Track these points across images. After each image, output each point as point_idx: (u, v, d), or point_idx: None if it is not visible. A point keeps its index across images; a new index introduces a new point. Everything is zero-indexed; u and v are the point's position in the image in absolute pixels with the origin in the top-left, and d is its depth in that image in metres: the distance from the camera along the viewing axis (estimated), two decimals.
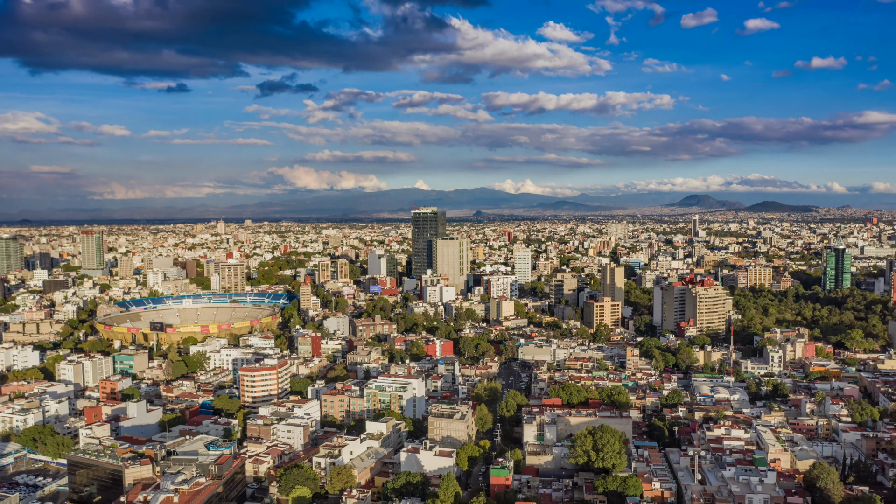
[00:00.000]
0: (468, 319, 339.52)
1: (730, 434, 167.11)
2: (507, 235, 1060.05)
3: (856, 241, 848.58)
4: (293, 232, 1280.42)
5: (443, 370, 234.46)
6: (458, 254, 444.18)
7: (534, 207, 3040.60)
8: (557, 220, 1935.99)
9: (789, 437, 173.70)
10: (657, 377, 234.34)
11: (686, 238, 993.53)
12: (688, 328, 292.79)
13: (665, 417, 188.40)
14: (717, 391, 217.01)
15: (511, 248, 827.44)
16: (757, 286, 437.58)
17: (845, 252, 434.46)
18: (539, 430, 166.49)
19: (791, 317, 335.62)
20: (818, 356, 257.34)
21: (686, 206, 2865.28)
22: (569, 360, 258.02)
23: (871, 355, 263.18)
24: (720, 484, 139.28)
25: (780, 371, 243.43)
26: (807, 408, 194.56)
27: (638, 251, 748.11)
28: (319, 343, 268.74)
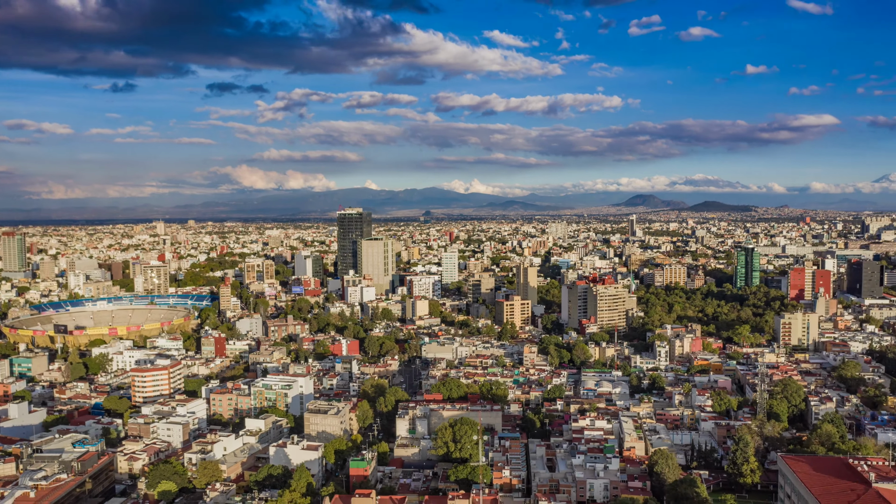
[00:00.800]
0: (384, 319, 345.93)
1: (593, 425, 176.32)
2: (448, 235, 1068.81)
3: (781, 240, 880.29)
4: (235, 232, 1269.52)
5: (340, 368, 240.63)
6: (382, 254, 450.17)
7: (483, 207, 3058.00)
8: (506, 219, 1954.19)
9: (652, 426, 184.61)
10: (549, 373, 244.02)
11: (623, 238, 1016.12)
12: (589, 325, 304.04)
13: (540, 410, 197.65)
14: (602, 385, 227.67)
15: (454, 247, 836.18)
16: (672, 284, 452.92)
17: (754, 251, 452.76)
18: (411, 423, 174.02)
19: (694, 313, 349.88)
20: (705, 351, 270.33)
21: (632, 206, 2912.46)
22: (469, 358, 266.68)
23: (757, 349, 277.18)
24: (567, 471, 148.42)
25: (667, 365, 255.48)
26: (676, 399, 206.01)
27: (572, 251, 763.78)
28: (224, 343, 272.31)
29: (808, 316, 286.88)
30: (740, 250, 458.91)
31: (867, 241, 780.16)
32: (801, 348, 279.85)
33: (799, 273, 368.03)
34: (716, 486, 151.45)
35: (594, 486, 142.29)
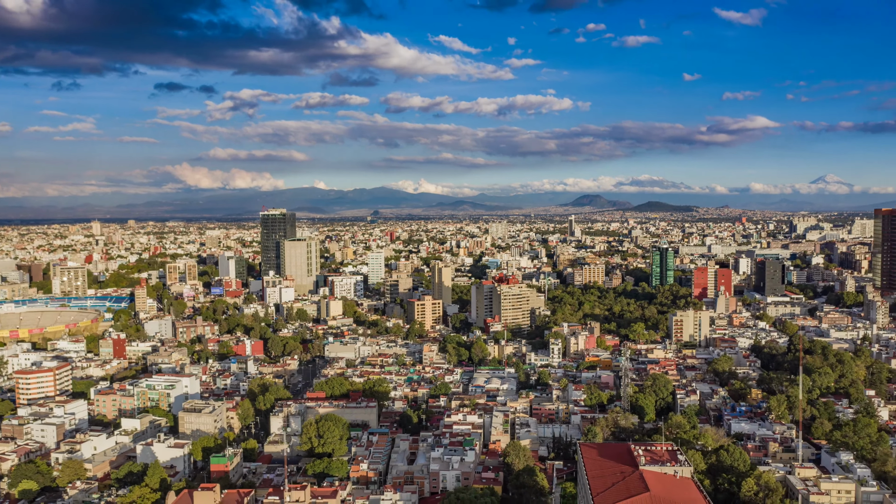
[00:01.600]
0: (298, 320, 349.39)
1: (464, 419, 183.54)
2: (389, 235, 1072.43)
3: (711, 239, 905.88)
4: (175, 233, 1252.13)
5: (235, 368, 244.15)
6: (305, 255, 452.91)
7: (433, 207, 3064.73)
8: (454, 219, 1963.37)
9: (525, 420, 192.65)
10: (444, 370, 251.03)
11: (561, 238, 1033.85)
12: (493, 324, 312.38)
13: (421, 406, 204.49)
14: (492, 381, 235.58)
15: (391, 247, 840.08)
16: (590, 283, 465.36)
17: (668, 251, 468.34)
18: (285, 421, 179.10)
19: (601, 311, 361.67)
20: (598, 348, 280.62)
21: (579, 206, 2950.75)
22: (371, 357, 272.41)
23: (651, 346, 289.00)
24: (424, 463, 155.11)
25: (559, 362, 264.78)
26: (553, 394, 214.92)
27: (507, 250, 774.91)
28: (123, 345, 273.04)
29: (699, 314, 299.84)
30: (656, 250, 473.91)
31: (788, 241, 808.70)
32: (692, 344, 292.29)
33: (702, 273, 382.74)
34: (568, 476, 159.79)
35: (447, 476, 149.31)
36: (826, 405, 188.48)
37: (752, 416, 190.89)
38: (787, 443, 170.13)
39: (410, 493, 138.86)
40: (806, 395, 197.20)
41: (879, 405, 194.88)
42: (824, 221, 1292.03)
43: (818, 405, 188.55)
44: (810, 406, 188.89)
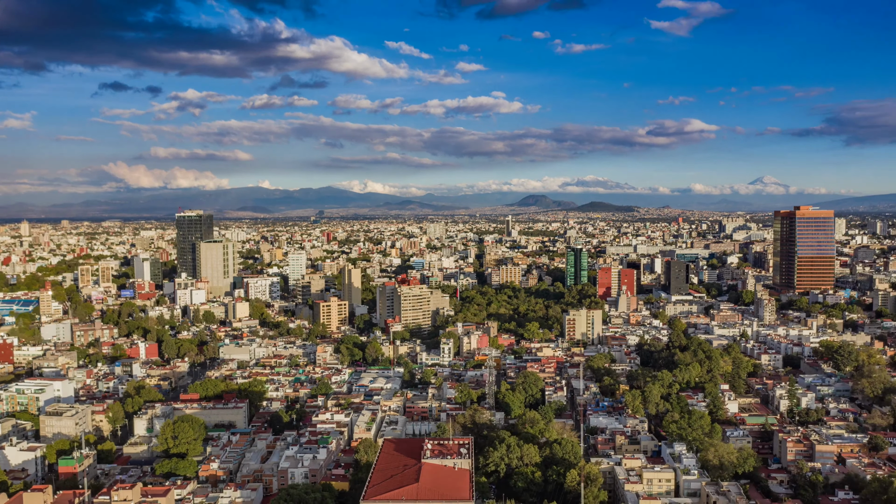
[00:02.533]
0: (204, 322, 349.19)
1: (332, 418, 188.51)
2: (326, 236, 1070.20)
3: (642, 239, 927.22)
4: (109, 233, 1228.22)
5: (119, 371, 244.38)
6: (222, 257, 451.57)
7: (380, 207, 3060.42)
8: (400, 219, 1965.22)
9: (395, 418, 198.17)
10: (333, 370, 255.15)
11: (497, 238, 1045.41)
12: (393, 324, 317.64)
13: (294, 406, 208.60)
14: (377, 381, 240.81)
15: (323, 248, 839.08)
16: (506, 283, 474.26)
17: (581, 252, 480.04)
18: (149, 422, 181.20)
19: (507, 311, 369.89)
20: (490, 347, 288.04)
21: (525, 206, 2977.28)
22: (265, 358, 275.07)
23: (543, 344, 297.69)
24: (277, 461, 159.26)
25: (450, 361, 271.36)
26: (429, 392, 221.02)
27: (440, 251, 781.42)
28: (10, 349, 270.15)
29: (592, 313, 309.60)
30: (570, 251, 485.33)
31: (711, 241, 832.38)
32: (583, 342, 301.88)
33: (606, 273, 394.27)
34: None
35: (295, 474, 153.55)
36: (679, 399, 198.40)
37: (612, 411, 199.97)
38: (636, 435, 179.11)
39: (251, 490, 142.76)
40: (665, 389, 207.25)
41: (730, 398, 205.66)
42: (756, 221, 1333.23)
43: (672, 399, 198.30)
44: (664, 400, 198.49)
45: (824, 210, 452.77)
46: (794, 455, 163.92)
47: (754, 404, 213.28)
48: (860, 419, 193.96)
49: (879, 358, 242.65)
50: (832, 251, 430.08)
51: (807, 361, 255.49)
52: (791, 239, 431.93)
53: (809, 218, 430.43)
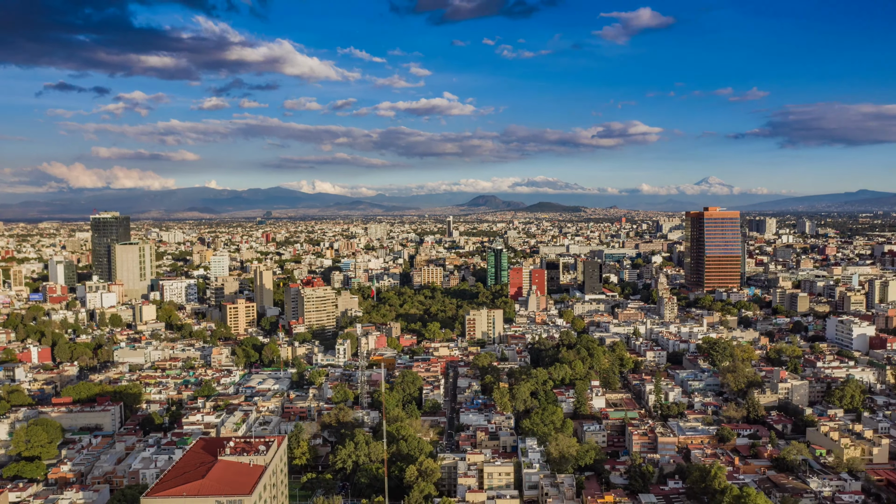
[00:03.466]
0: (110, 325, 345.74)
1: (202, 420, 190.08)
2: (265, 237, 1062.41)
3: (575, 239, 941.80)
4: (43, 234, 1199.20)
5: (1, 376, 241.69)
6: (138, 259, 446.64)
7: (330, 207, 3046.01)
8: (349, 219, 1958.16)
9: (269, 419, 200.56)
10: (225, 373, 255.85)
11: (437, 238, 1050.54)
12: (296, 326, 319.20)
13: (170, 409, 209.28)
14: (266, 382, 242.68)
15: (258, 249, 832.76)
16: (427, 283, 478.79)
17: (502, 252, 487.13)
18: (11, 426, 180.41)
19: (418, 311, 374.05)
20: (389, 347, 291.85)
21: (475, 207, 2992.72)
22: (160, 361, 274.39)
23: (445, 343, 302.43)
24: (130, 462, 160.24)
25: (346, 361, 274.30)
26: (310, 393, 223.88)
27: (375, 251, 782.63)
28: None
29: (493, 312, 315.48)
30: (490, 252, 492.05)
31: (639, 241, 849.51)
32: (483, 342, 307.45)
33: (518, 273, 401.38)
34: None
35: (147, 474, 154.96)
36: (548, 395, 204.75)
37: (483, 408, 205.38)
38: (498, 431, 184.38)
39: (94, 492, 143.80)
40: (538, 386, 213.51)
41: (598, 394, 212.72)
42: None
43: (540, 396, 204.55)
44: (532, 397, 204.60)
45: (731, 211, 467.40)
46: (639, 447, 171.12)
47: (625, 399, 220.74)
48: (720, 412, 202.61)
49: (751, 353, 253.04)
50: (738, 251, 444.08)
51: (688, 357, 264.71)
52: (700, 239, 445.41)
53: (717, 219, 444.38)
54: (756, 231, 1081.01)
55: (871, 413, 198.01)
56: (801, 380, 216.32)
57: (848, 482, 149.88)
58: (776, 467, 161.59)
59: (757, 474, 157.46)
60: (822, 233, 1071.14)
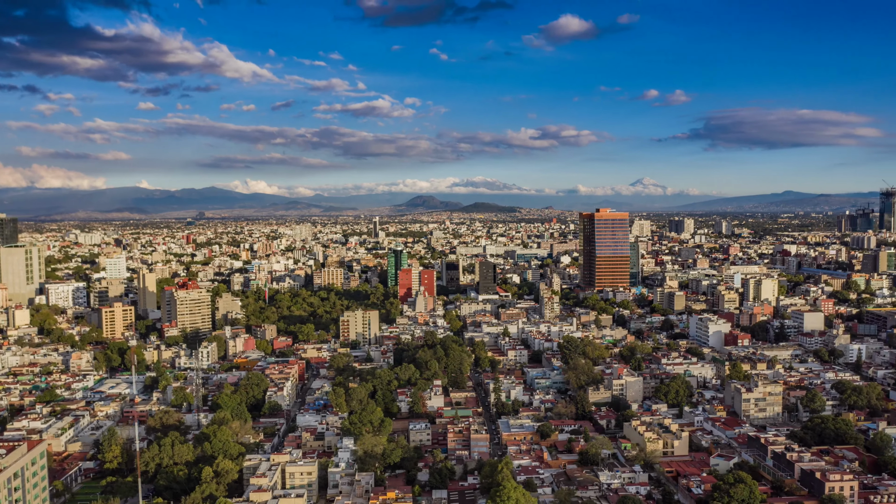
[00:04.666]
0: None
1: (28, 426, 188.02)
2: (186, 239, 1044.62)
3: (501, 240, 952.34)
4: None
5: None
6: (24, 263, 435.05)
7: (266, 208, 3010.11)
8: (284, 220, 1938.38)
9: (101, 423, 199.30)
10: (81, 378, 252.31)
11: (361, 239, 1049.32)
12: (170, 329, 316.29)
13: (4, 415, 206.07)
14: (118, 387, 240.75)
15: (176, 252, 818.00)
16: (328, 285, 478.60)
17: (402, 253, 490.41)
18: None
19: (303, 312, 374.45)
20: (257, 350, 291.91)
21: (413, 207, 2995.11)
22: (16, 367, 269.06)
23: (318, 345, 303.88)
24: None
25: (210, 364, 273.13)
26: (154, 396, 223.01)
27: (291, 252, 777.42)
28: None
29: (368, 313, 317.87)
30: (391, 252, 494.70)
31: (563, 241, 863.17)
32: (357, 343, 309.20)
33: (407, 274, 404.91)
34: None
35: None
36: (385, 395, 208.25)
37: (323, 409, 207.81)
38: (325, 432, 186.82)
39: None
40: (383, 386, 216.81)
41: (436, 393, 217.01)
42: None
43: (378, 396, 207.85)
44: (369, 397, 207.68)
45: (620, 213, 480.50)
46: (454, 444, 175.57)
47: (469, 398, 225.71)
48: (553, 408, 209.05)
49: (602, 351, 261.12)
50: (627, 251, 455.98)
51: (546, 356, 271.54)
52: (591, 240, 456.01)
53: (607, 220, 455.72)
54: (675, 231, 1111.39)
55: (692, 407, 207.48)
56: (636, 376, 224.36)
57: (637, 474, 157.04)
58: (581, 461, 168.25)
59: (559, 469, 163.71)
60: (737, 233, 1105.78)
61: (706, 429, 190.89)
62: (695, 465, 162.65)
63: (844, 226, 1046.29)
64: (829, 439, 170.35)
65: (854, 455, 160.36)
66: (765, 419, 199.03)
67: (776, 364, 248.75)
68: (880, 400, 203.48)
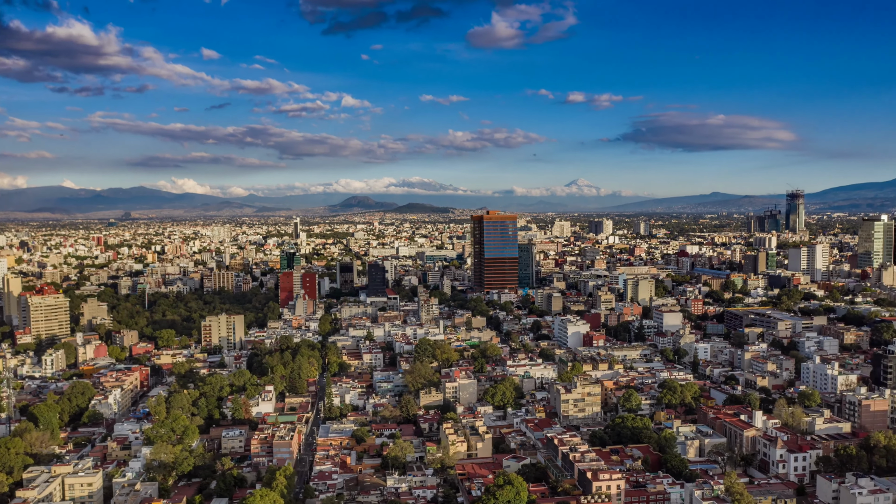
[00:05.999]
0: None
1: None
2: (96, 241, 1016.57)
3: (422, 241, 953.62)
4: None
5: None
6: None
7: (197, 208, 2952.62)
8: (212, 220, 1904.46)
9: None
10: None
11: (280, 240, 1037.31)
12: (22, 336, 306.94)
13: None
14: None
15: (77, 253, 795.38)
16: (219, 288, 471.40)
17: (295, 255, 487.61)
18: None
19: (177, 317, 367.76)
20: (109, 356, 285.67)
21: (348, 208, 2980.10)
22: None
23: (178, 351, 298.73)
24: None
25: (54, 372, 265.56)
26: None
27: (200, 254, 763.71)
28: None
29: (233, 318, 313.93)
30: (283, 255, 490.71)
31: None
32: (219, 348, 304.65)
33: (288, 277, 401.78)
34: None
35: None
36: (209, 402, 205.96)
37: (144, 418, 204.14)
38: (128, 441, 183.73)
39: None
40: (215, 392, 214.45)
41: (266, 399, 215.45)
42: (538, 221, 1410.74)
43: (200, 403, 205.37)
44: (192, 405, 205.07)
45: (509, 214, 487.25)
46: (256, 451, 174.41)
47: (304, 403, 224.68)
48: (379, 412, 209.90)
49: (451, 353, 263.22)
50: (515, 253, 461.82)
51: (400, 359, 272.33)
52: (481, 241, 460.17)
53: (495, 222, 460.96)
54: (593, 232, 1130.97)
55: (516, 409, 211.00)
56: (471, 379, 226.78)
57: (428, 477, 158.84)
58: (382, 466, 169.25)
59: (355, 474, 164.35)
60: (654, 233, 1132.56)
61: (521, 430, 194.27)
62: (489, 466, 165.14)
63: (754, 227, 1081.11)
64: (626, 438, 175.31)
65: (640, 454, 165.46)
66: (583, 419, 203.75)
67: (616, 364, 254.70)
68: (696, 399, 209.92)
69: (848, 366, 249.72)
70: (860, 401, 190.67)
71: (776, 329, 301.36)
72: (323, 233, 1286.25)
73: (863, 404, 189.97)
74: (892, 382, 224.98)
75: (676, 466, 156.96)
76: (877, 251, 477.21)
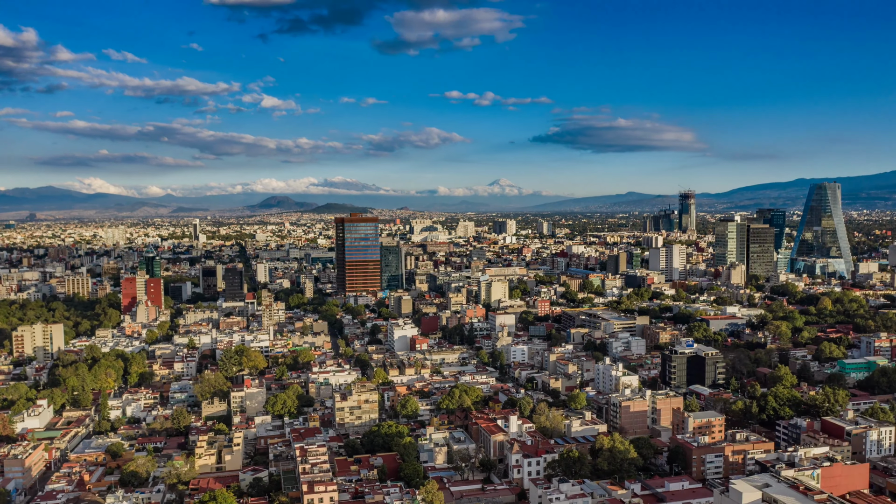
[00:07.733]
0: None
1: None
2: None
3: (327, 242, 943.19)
4: None
5: None
6: None
7: (109, 208, 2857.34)
8: (122, 221, 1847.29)
9: None
10: None
11: (178, 242, 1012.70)
12: None
13: None
14: None
15: None
16: (74, 294, 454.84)
17: (154, 259, 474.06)
18: None
19: (8, 326, 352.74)
20: None
21: (267, 208, 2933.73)
22: None
23: None
24: None
25: None
26: None
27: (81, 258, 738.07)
28: None
29: (49, 327, 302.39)
30: (142, 259, 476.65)
31: None
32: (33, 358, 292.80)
33: (131, 283, 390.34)
34: None
35: None
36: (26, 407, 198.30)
37: None
38: None
39: None
40: None
41: (35, 413, 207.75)
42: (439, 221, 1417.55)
43: None
44: None
45: (370, 217, 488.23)
46: None
47: (82, 417, 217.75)
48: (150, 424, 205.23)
49: (259, 359, 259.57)
50: (377, 255, 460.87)
51: (212, 368, 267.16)
52: (343, 244, 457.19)
53: (356, 224, 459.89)
54: (495, 232, 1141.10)
55: (294, 418, 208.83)
56: (261, 387, 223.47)
57: (153, 494, 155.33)
58: (122, 482, 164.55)
59: (86, 491, 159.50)
60: (556, 233, 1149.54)
61: (288, 440, 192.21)
62: (225, 480, 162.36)
63: (649, 226, 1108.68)
64: (378, 447, 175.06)
65: (381, 462, 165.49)
66: (360, 426, 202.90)
67: (423, 369, 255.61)
68: (477, 403, 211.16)
69: (646, 366, 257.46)
70: (621, 402, 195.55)
71: (599, 329, 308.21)
72: (229, 234, 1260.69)
73: (622, 405, 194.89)
74: (675, 382, 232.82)
75: (409, 475, 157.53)
76: (731, 251, 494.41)
